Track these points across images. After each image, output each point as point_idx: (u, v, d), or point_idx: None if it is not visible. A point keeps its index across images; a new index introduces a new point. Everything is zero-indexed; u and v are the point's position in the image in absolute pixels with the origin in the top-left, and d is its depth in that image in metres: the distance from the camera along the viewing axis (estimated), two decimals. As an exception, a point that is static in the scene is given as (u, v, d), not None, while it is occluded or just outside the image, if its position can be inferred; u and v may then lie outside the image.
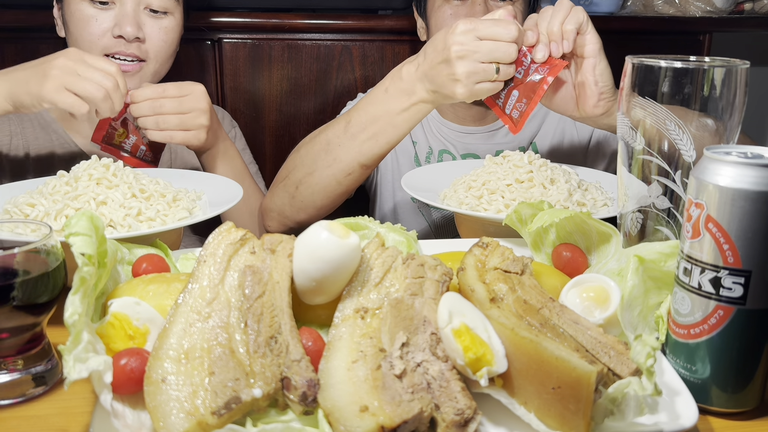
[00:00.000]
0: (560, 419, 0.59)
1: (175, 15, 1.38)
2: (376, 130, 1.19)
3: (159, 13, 1.36)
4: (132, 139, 1.31)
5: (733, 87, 0.77)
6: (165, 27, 1.36)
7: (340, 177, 1.25)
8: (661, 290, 0.77)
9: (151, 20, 1.35)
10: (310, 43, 1.84)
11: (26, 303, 0.67)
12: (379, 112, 1.18)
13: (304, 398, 0.60)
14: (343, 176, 1.24)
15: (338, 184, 1.26)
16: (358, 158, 1.22)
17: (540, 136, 1.61)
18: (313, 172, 1.26)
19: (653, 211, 0.83)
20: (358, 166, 1.23)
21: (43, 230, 0.72)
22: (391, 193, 1.62)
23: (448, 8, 1.45)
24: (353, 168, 1.23)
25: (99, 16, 1.32)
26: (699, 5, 2.05)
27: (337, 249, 0.69)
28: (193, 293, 0.68)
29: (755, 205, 0.62)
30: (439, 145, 1.60)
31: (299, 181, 1.29)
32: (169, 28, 1.37)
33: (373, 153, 1.21)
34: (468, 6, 1.44)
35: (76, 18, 1.33)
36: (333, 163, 1.24)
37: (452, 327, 0.63)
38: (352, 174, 1.24)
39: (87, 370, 0.56)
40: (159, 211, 0.98)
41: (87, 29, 1.32)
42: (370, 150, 1.20)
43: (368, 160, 1.22)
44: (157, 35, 1.35)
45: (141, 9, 1.34)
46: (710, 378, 0.67)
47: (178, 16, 1.39)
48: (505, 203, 1.09)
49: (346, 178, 1.25)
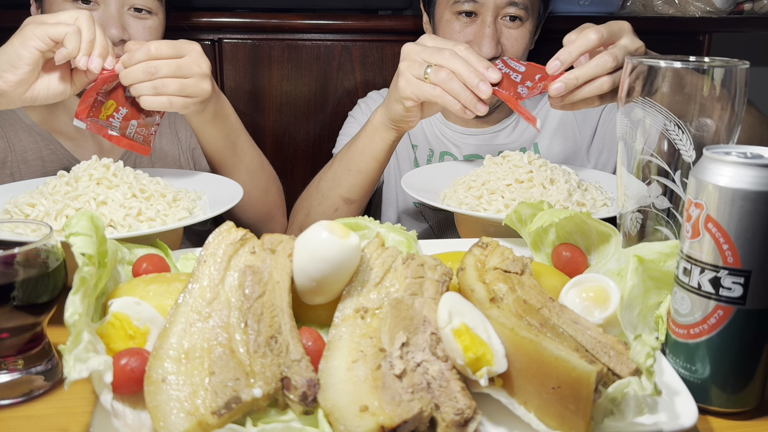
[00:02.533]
0: (560, 419, 0.59)
1: (158, 15, 1.36)
2: (348, 160, 1.28)
3: (143, 13, 1.33)
4: (122, 111, 1.11)
5: (733, 87, 0.77)
6: (149, 27, 1.34)
7: (330, 213, 1.31)
8: (660, 290, 0.77)
9: (136, 21, 1.32)
10: (310, 43, 1.84)
11: (26, 303, 0.67)
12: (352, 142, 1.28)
13: (304, 398, 0.60)
14: (332, 212, 1.31)
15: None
16: (339, 192, 1.29)
17: (541, 136, 1.61)
18: (309, 212, 1.35)
19: (653, 211, 0.83)
20: (342, 200, 1.30)
21: (43, 230, 0.72)
22: (393, 197, 1.63)
23: (457, 24, 1.45)
24: (338, 203, 1.30)
25: None
26: (699, 5, 2.05)
27: (337, 249, 0.69)
28: (193, 293, 0.68)
29: (755, 205, 0.62)
30: (441, 147, 1.60)
31: (301, 224, 1.36)
32: (153, 28, 1.34)
33: (348, 184, 1.28)
34: (477, 25, 1.42)
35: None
36: (322, 201, 1.32)
37: (452, 327, 0.63)
38: (338, 209, 1.31)
39: (87, 370, 0.56)
40: (159, 211, 0.98)
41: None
42: (346, 182, 1.28)
43: (347, 193, 1.29)
44: (142, 36, 1.32)
45: (125, 10, 1.31)
46: (710, 378, 0.67)
47: (161, 16, 1.37)
48: (505, 203, 1.09)
49: (334, 213, 1.31)
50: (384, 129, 1.21)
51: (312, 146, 1.91)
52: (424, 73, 1.08)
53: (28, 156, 1.40)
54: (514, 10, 1.40)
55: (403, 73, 1.11)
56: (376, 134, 1.22)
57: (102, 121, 1.10)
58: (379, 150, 1.23)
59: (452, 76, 1.06)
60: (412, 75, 1.10)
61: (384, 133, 1.21)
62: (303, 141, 1.91)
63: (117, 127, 1.11)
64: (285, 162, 1.92)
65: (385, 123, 1.20)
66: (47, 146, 1.41)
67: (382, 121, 1.21)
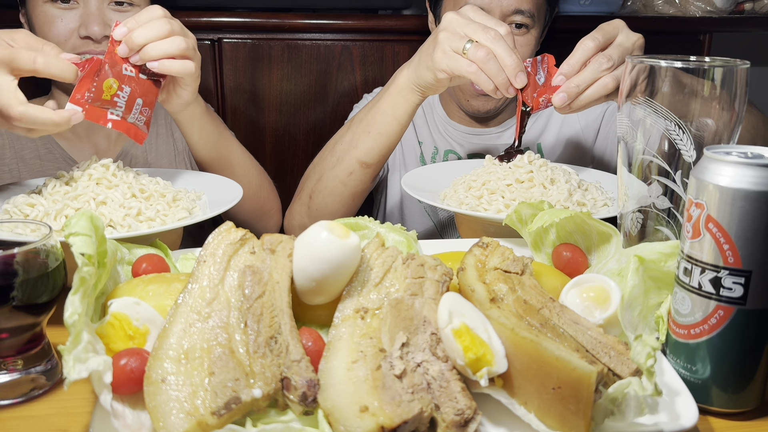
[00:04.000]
0: (560, 419, 0.59)
1: (141, 6, 1.33)
2: (368, 122, 1.23)
3: (125, 6, 1.31)
4: (126, 90, 1.02)
5: (734, 87, 0.77)
6: None
7: (343, 177, 1.27)
8: (661, 290, 0.77)
9: (118, 15, 1.30)
10: (310, 43, 1.84)
11: (26, 303, 0.67)
12: (372, 104, 1.24)
13: (304, 398, 0.60)
14: (346, 176, 1.27)
15: (343, 185, 1.28)
16: (356, 154, 1.25)
17: (544, 136, 1.61)
18: (322, 176, 1.31)
19: (653, 211, 0.83)
20: (358, 164, 1.26)
21: (42, 230, 0.72)
22: (398, 192, 1.63)
23: None
24: (353, 166, 1.26)
25: (64, 17, 1.28)
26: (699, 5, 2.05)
27: (337, 249, 0.69)
28: (192, 293, 0.68)
29: (755, 205, 0.62)
30: (445, 145, 1.60)
31: (312, 189, 1.33)
32: None
33: (366, 147, 1.24)
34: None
35: (41, 20, 1.29)
36: (337, 164, 1.28)
37: (452, 327, 0.63)
38: (353, 173, 1.27)
39: (87, 371, 0.56)
40: (159, 211, 0.98)
41: (52, 31, 1.28)
42: (364, 144, 1.24)
43: (365, 156, 1.25)
44: None
45: (105, 5, 1.29)
46: (710, 378, 0.67)
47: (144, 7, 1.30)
48: (506, 203, 1.09)
49: (348, 177, 1.27)
50: (409, 92, 1.19)
51: (312, 146, 1.91)
52: (463, 48, 1.07)
53: (25, 154, 1.40)
54: (520, 18, 1.40)
55: (441, 44, 1.09)
56: (400, 96, 1.19)
57: (105, 104, 1.00)
58: (402, 112, 1.21)
59: (491, 57, 1.05)
60: (450, 47, 1.08)
61: (409, 95, 1.19)
62: (303, 141, 1.91)
63: (122, 108, 1.02)
64: (285, 161, 1.92)
65: (410, 86, 1.18)
66: (44, 145, 1.41)
67: (407, 84, 1.18)
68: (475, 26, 1.07)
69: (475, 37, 1.06)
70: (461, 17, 1.10)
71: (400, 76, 1.19)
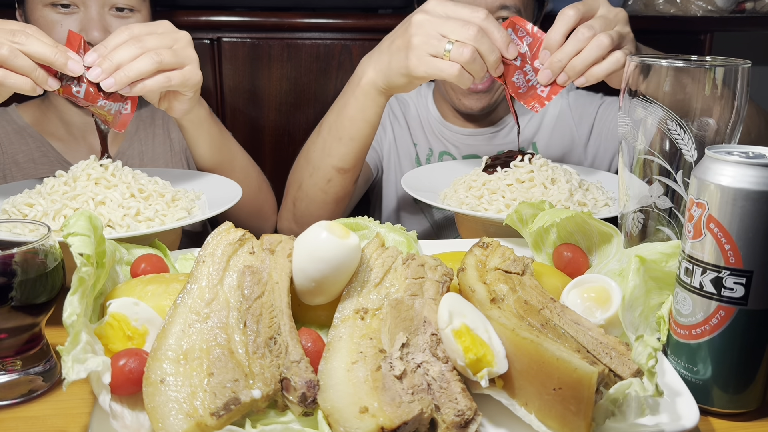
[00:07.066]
0: (561, 420, 0.58)
1: (142, 12, 1.33)
2: (338, 128, 1.19)
3: (125, 12, 1.30)
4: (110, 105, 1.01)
5: (735, 86, 0.77)
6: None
7: (322, 185, 1.25)
8: (662, 291, 0.77)
9: (118, 21, 1.29)
10: (310, 42, 1.83)
11: (25, 303, 0.67)
12: (339, 109, 1.19)
13: (303, 399, 0.59)
14: (325, 183, 1.25)
15: (324, 192, 1.26)
16: (331, 162, 1.22)
17: (539, 135, 1.61)
18: (301, 184, 1.28)
19: (654, 211, 0.82)
20: (335, 171, 1.23)
21: (41, 230, 0.72)
22: (393, 193, 1.62)
23: None
24: (330, 173, 1.24)
25: (64, 22, 1.27)
26: (700, 4, 2.05)
27: (337, 249, 0.68)
28: (191, 294, 0.68)
29: (756, 205, 0.62)
30: (440, 147, 1.60)
31: (294, 197, 1.31)
32: None
33: (340, 153, 1.21)
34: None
35: (40, 25, 1.27)
36: (314, 172, 1.25)
37: (452, 328, 0.63)
38: (331, 180, 1.24)
39: (85, 371, 0.56)
40: (158, 211, 0.98)
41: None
42: (337, 152, 1.21)
43: (340, 162, 1.22)
44: None
45: (106, 11, 1.28)
46: (711, 379, 0.67)
47: (145, 12, 1.34)
48: (506, 203, 1.09)
49: (327, 185, 1.25)
50: (377, 94, 1.13)
51: (312, 145, 1.90)
52: (443, 51, 1.01)
53: (18, 158, 1.39)
54: (506, 14, 1.39)
55: (415, 50, 1.02)
56: (368, 99, 1.14)
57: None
58: (372, 114, 1.16)
59: (476, 56, 1.00)
60: (426, 52, 1.02)
61: (377, 97, 1.14)
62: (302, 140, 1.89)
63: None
64: (284, 161, 1.91)
65: (378, 88, 1.13)
66: (38, 148, 1.40)
67: (374, 87, 1.12)
68: (453, 24, 1.01)
69: (455, 36, 1.00)
70: (433, 16, 1.03)
71: (365, 78, 1.13)
